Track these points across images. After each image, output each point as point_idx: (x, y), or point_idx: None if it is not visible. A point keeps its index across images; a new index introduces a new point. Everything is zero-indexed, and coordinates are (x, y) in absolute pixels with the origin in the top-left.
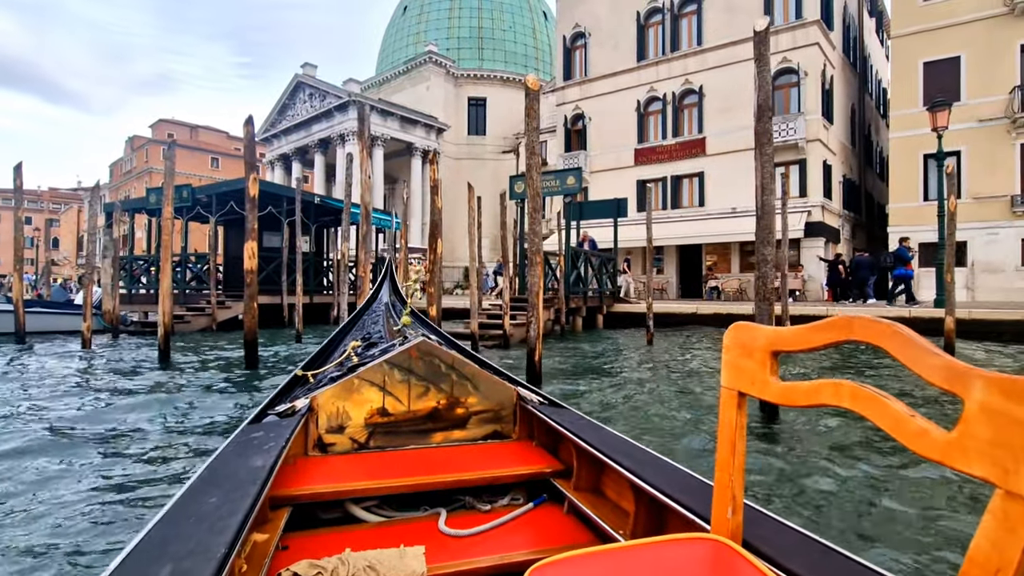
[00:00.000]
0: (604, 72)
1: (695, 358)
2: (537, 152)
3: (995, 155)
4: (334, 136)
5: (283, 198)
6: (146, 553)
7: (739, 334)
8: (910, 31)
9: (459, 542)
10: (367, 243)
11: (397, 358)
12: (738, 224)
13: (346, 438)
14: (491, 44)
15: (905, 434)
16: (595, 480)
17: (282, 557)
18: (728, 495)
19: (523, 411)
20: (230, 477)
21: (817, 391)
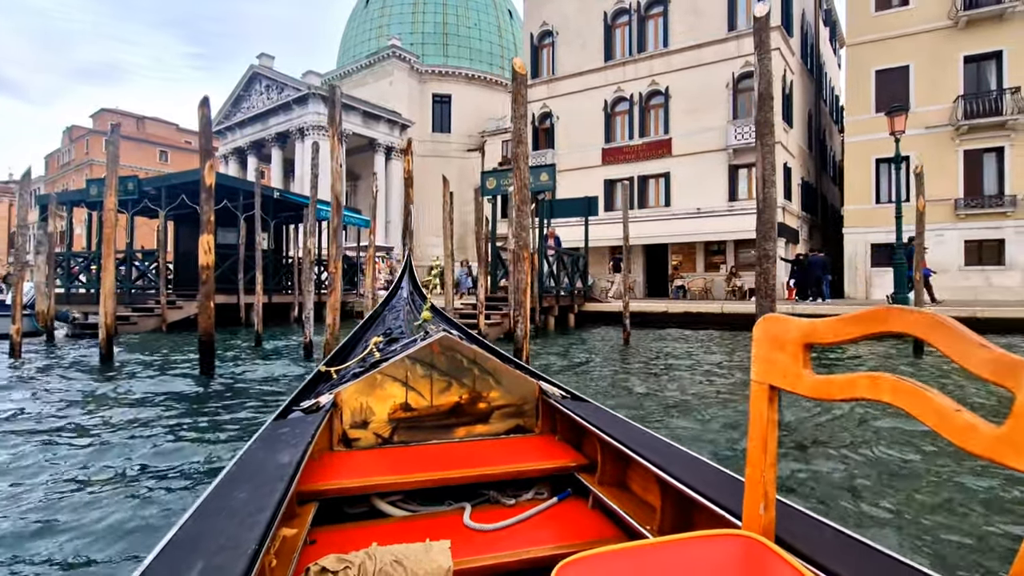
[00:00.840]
0: (572, 71)
1: (685, 356)
2: (525, 141)
3: (941, 160)
4: (293, 130)
5: (240, 191)
6: (179, 548)
7: (770, 327)
8: (863, 40)
9: (484, 536)
10: (338, 238)
11: (419, 353)
12: (703, 224)
13: (370, 433)
14: (456, 40)
15: (951, 429)
16: (620, 474)
17: (310, 551)
18: (760, 490)
19: (545, 405)
20: (258, 472)
21: (853, 384)
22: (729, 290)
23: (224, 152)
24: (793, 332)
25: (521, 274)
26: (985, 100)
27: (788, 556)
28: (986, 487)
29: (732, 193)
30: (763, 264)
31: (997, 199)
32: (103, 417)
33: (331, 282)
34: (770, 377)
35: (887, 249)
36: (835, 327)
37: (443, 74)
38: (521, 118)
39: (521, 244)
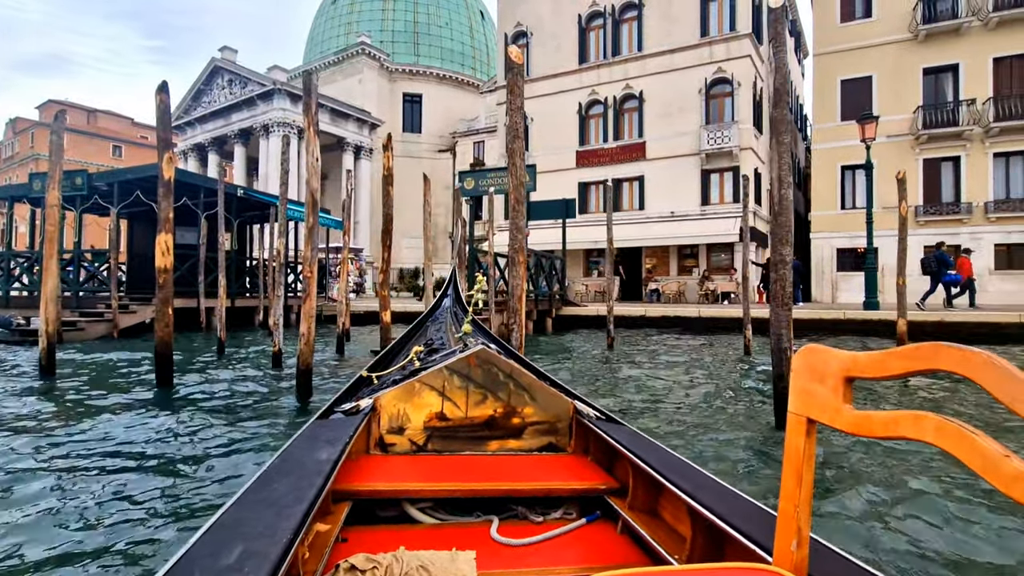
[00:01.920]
0: (546, 73)
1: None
2: (520, 136)
3: (901, 168)
4: (257, 126)
5: (201, 188)
6: (222, 531)
7: (810, 358)
8: (829, 50)
9: (510, 551)
10: (313, 238)
11: (456, 364)
12: (676, 228)
13: (405, 439)
14: (427, 40)
15: (999, 476)
16: (651, 500)
17: (341, 549)
18: (793, 527)
19: (579, 425)
20: (298, 468)
21: (896, 423)
22: (702, 293)
23: (183, 148)
24: (834, 365)
25: (517, 278)
26: (943, 111)
27: None
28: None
29: (705, 197)
30: (779, 270)
31: (954, 206)
32: (30, 447)
33: (305, 286)
34: (808, 410)
35: (852, 254)
36: (879, 361)
37: (414, 73)
38: (518, 110)
39: (517, 246)
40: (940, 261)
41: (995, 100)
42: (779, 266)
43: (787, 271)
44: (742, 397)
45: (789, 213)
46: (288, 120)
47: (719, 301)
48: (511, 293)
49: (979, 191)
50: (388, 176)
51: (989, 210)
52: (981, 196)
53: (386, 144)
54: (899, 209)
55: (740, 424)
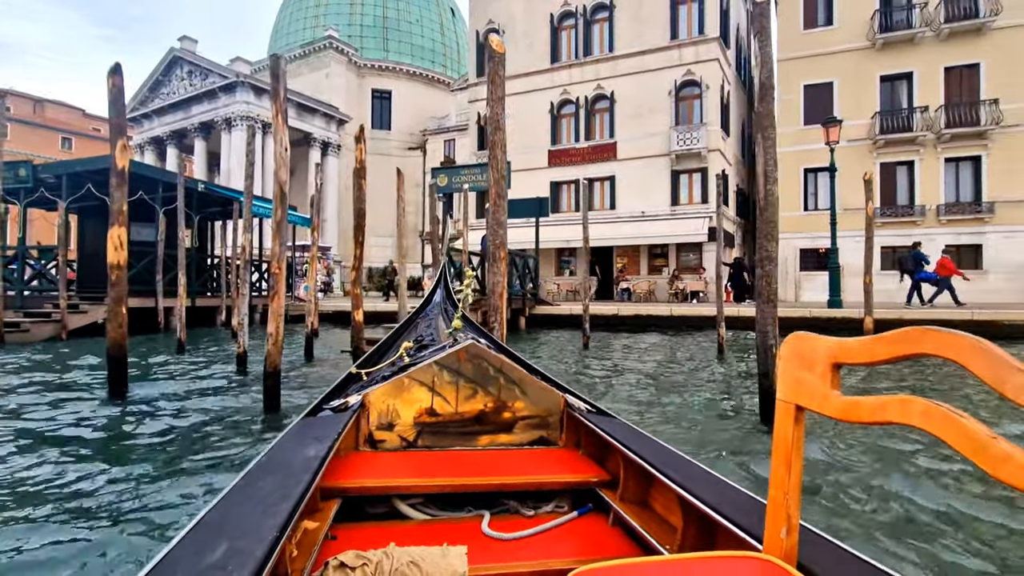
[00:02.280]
0: (518, 71)
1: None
2: (502, 127)
3: (861, 172)
4: (219, 120)
5: (159, 182)
6: (205, 530)
7: (797, 344)
8: (793, 56)
9: (501, 545)
10: (282, 233)
11: (446, 360)
12: (647, 228)
13: (395, 435)
14: (397, 36)
15: (986, 459)
16: (642, 492)
17: (331, 546)
18: (783, 514)
19: (570, 418)
20: (284, 466)
21: (883, 408)
22: (672, 292)
23: (140, 142)
24: (821, 351)
25: (498, 275)
26: (899, 117)
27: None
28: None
29: (675, 198)
30: (765, 266)
31: (909, 209)
32: None
33: (273, 284)
34: (797, 397)
35: (815, 254)
36: (867, 347)
37: (383, 69)
38: (499, 100)
39: (499, 242)
40: (916, 260)
41: (946, 108)
42: (765, 262)
43: (773, 267)
44: (725, 394)
45: (776, 209)
46: (252, 114)
47: (688, 300)
48: (492, 290)
49: (931, 194)
50: (361, 169)
51: (940, 213)
52: (933, 199)
53: (358, 136)
54: (866, 210)
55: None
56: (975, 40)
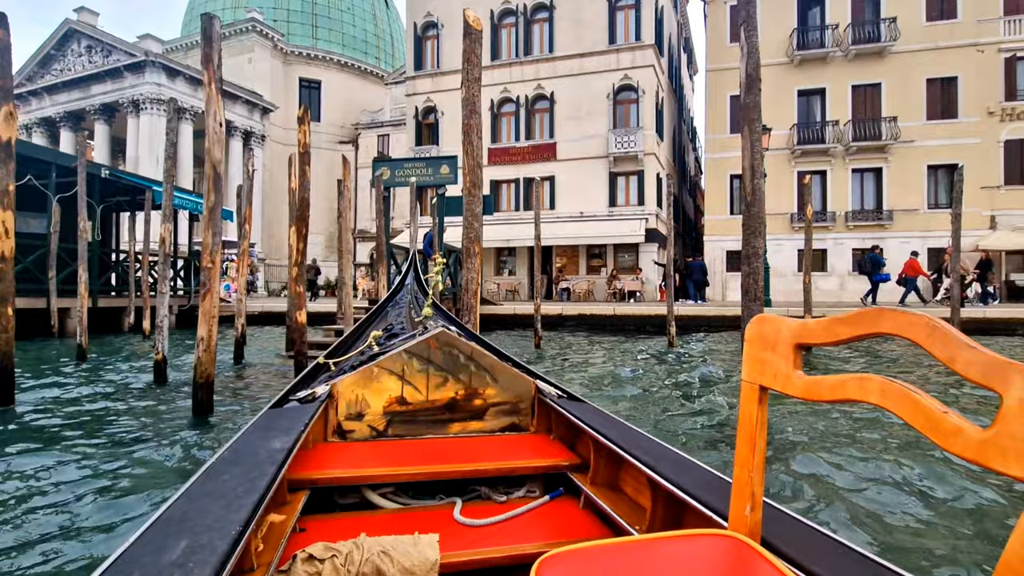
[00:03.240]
0: (458, 67)
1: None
2: (478, 111)
3: (781, 180)
4: (124, 102)
5: (52, 165)
6: (165, 526)
7: (761, 327)
8: (720, 67)
9: (473, 532)
10: (214, 222)
11: (416, 348)
12: (586, 228)
13: (364, 425)
14: (327, 23)
15: (938, 432)
16: (612, 475)
17: (299, 539)
18: (747, 492)
19: (541, 404)
20: (249, 458)
21: (843, 386)
22: (611, 292)
23: (27, 122)
24: (784, 333)
25: (472, 271)
26: (813, 129)
27: (772, 557)
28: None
29: (612, 199)
30: (751, 263)
31: (821, 215)
32: None
33: (206, 281)
34: (761, 378)
35: (738, 255)
36: (827, 328)
37: (312, 57)
38: (476, 81)
39: (473, 235)
40: (874, 262)
41: (853, 122)
42: (752, 258)
43: (759, 264)
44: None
45: (763, 204)
46: (164, 96)
47: (626, 299)
48: (465, 287)
49: (840, 202)
50: (305, 155)
51: (848, 219)
52: (842, 206)
53: (301, 117)
54: (806, 213)
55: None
56: (877, 62)
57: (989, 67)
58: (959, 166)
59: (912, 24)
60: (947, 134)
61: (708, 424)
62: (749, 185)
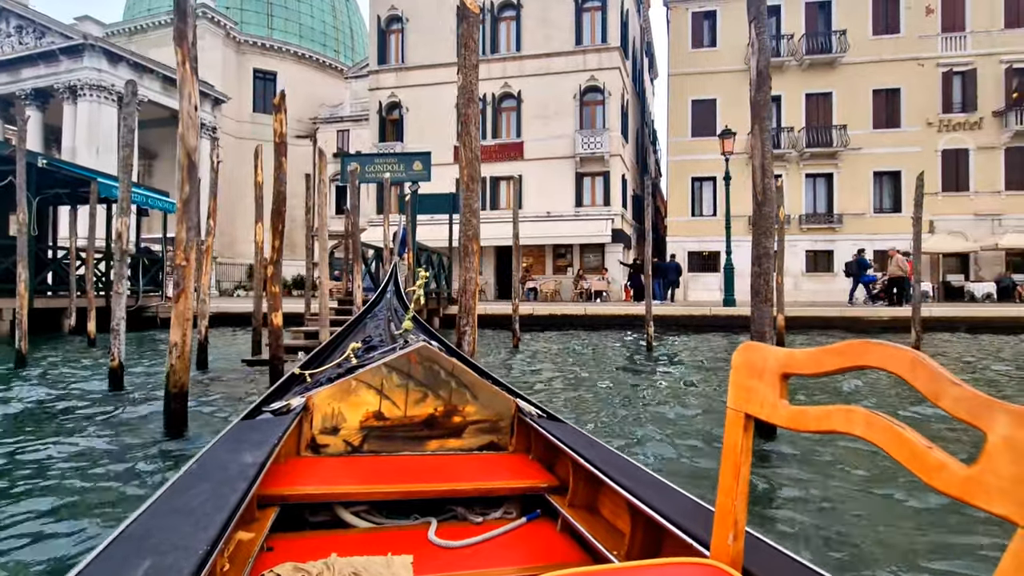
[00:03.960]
0: (423, 62)
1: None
2: (475, 100)
3: (740, 183)
4: (60, 87)
5: None
6: (127, 544)
7: (748, 354)
8: (683, 72)
9: (448, 553)
10: (188, 215)
11: (396, 362)
12: (552, 228)
13: (340, 440)
14: (283, 13)
15: (921, 467)
16: (591, 498)
17: (267, 558)
18: (730, 520)
19: (521, 423)
20: (219, 472)
21: (828, 417)
22: (577, 292)
23: None
24: (771, 362)
25: (471, 271)
26: (770, 135)
27: None
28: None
29: (579, 199)
30: (762, 263)
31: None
32: None
33: (179, 280)
34: (747, 406)
35: (700, 256)
36: (814, 359)
37: (267, 48)
38: (473, 68)
39: (471, 233)
40: (860, 265)
41: (807, 129)
42: (763, 259)
43: (770, 265)
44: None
45: (773, 204)
46: (105, 83)
47: (592, 299)
48: (463, 288)
49: (795, 205)
50: (281, 145)
51: (802, 222)
52: (796, 210)
53: (277, 104)
54: (778, 214)
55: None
56: (829, 72)
57: (928, 80)
58: (920, 174)
59: (860, 37)
60: (891, 143)
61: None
62: (760, 185)
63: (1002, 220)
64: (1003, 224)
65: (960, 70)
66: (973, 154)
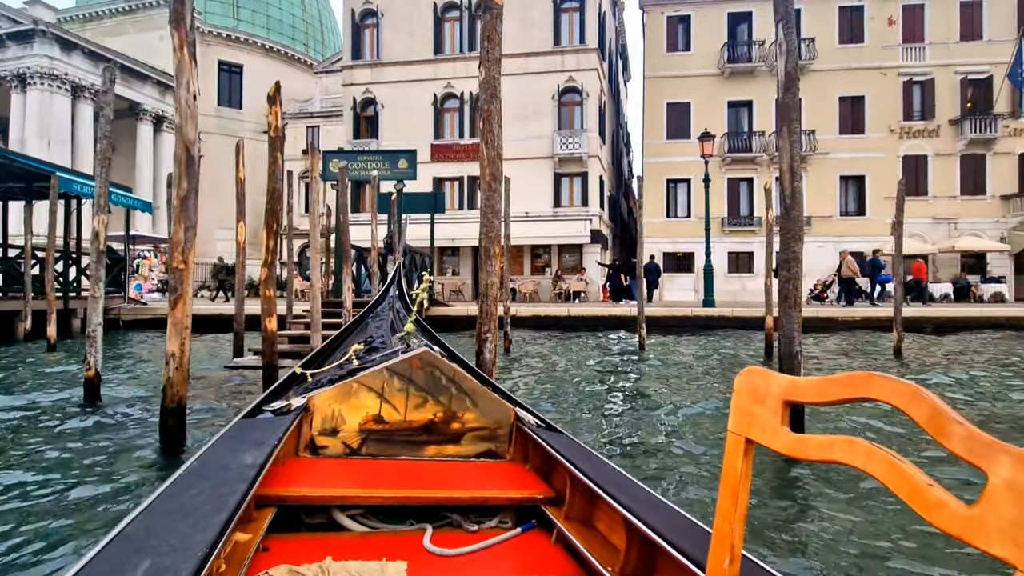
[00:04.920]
0: (398, 58)
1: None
2: (498, 95)
3: (713, 185)
4: (7, 75)
5: None
6: (126, 544)
7: (752, 379)
8: (658, 75)
9: (443, 561)
10: (186, 213)
11: (398, 366)
12: (531, 228)
13: (339, 442)
14: (249, 4)
15: (921, 504)
16: (587, 511)
17: (262, 559)
18: (727, 544)
19: (519, 432)
20: (219, 472)
21: (830, 447)
22: (556, 293)
23: None
24: (775, 388)
25: (492, 275)
26: (742, 139)
27: None
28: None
29: (557, 200)
30: (791, 268)
31: (749, 219)
32: None
33: (176, 285)
34: (748, 431)
35: (675, 257)
36: (818, 388)
37: (233, 40)
38: (496, 62)
39: (493, 235)
40: (874, 266)
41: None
42: (792, 263)
43: (799, 270)
44: None
45: (801, 207)
46: (58, 72)
47: (571, 299)
48: (485, 293)
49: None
50: (276, 140)
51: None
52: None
53: (272, 96)
54: (766, 217)
55: None
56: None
57: (890, 89)
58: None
59: (828, 45)
60: (856, 148)
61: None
62: (788, 188)
63: (957, 224)
64: (958, 227)
65: (919, 79)
66: (932, 160)
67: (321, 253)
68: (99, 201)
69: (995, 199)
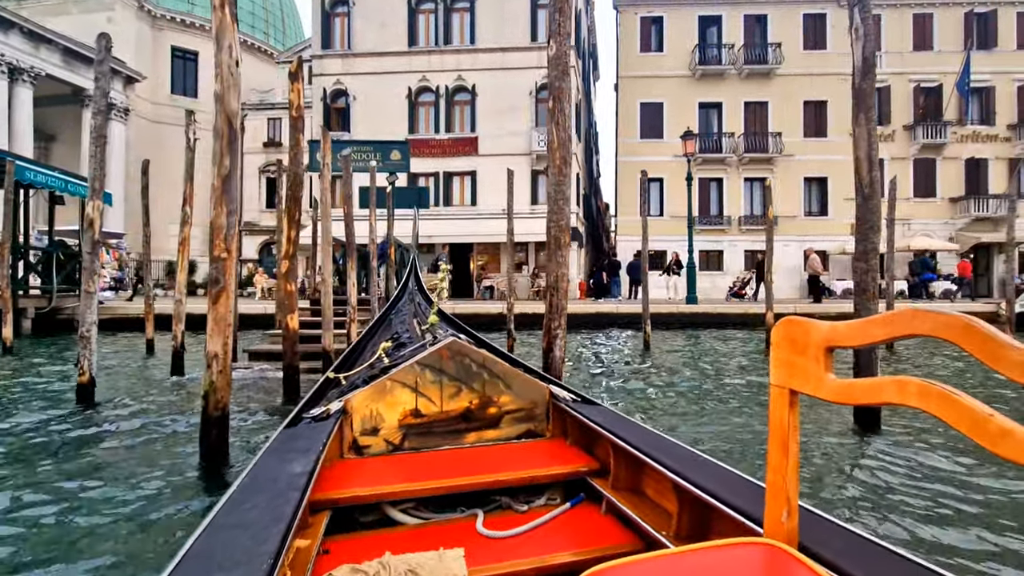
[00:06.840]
0: (371, 50)
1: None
2: (568, 72)
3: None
4: None
5: None
6: (194, 564)
7: (790, 329)
8: (632, 75)
9: (498, 543)
10: (229, 196)
11: (428, 359)
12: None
13: (380, 440)
14: None
15: (984, 435)
16: (633, 478)
17: (323, 562)
18: (782, 497)
19: (556, 409)
20: (271, 483)
21: (879, 389)
22: (534, 290)
23: None
24: (815, 335)
25: (563, 267)
26: (712, 140)
27: (813, 564)
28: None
29: (534, 197)
30: (869, 259)
31: (719, 219)
32: None
33: (218, 277)
34: (791, 381)
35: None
36: (859, 329)
37: (187, 25)
38: (567, 35)
39: (562, 224)
40: (923, 265)
41: (746, 135)
42: (871, 255)
43: (876, 261)
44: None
45: (879, 198)
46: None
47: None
48: (553, 285)
49: (735, 207)
50: (297, 119)
51: (742, 223)
52: (736, 211)
53: (293, 72)
54: (767, 215)
55: None
56: (766, 82)
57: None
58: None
59: (793, 50)
60: (819, 151)
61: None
62: (866, 177)
63: (911, 224)
64: (912, 228)
65: (877, 86)
66: (888, 164)
67: (306, 249)
68: (93, 185)
69: (944, 201)
